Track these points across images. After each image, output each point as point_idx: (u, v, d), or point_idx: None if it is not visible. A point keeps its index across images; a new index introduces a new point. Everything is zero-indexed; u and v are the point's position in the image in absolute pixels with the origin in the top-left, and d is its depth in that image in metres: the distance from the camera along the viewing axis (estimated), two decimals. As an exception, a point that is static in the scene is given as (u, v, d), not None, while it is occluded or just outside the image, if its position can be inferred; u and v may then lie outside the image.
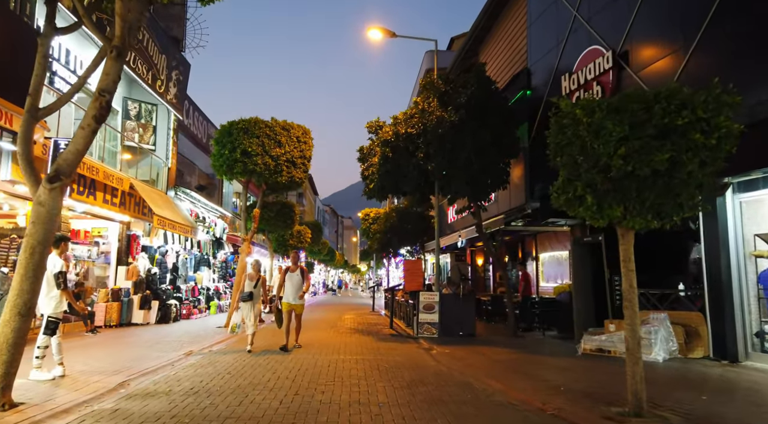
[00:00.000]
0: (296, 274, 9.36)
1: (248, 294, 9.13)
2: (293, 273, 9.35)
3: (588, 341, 9.08)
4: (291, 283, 9.29)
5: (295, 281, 9.29)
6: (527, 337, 11.71)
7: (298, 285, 9.31)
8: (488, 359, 8.45)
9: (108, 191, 11.59)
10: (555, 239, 14.22)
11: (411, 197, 16.60)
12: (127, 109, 14.95)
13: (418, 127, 11.73)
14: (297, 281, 9.30)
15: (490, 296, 16.38)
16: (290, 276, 9.32)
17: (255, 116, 14.54)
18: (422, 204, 15.42)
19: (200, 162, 21.19)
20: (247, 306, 9.21)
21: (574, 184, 5.25)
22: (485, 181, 11.61)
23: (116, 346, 9.71)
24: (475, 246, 20.69)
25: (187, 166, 20.36)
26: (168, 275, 16.60)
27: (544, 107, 11.89)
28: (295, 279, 9.30)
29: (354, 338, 11.58)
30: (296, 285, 9.29)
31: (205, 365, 7.60)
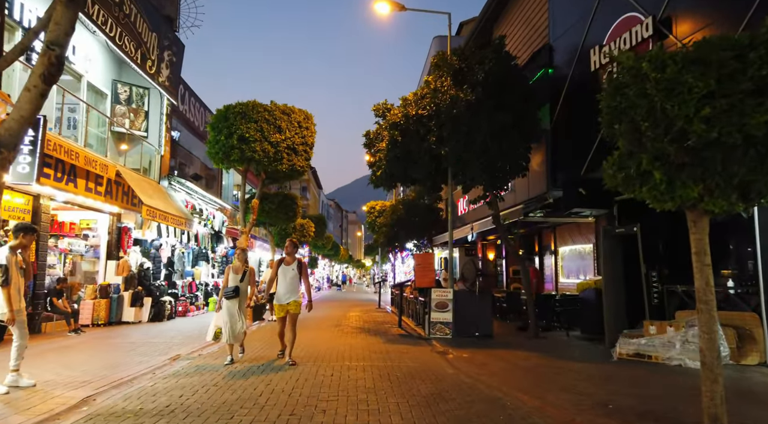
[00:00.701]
0: (292, 268, 7.40)
1: (233, 290, 7.48)
2: (288, 266, 7.42)
3: (624, 345, 8.05)
4: (284, 278, 7.37)
5: (290, 277, 7.36)
6: (549, 338, 10.69)
7: (293, 282, 7.37)
8: (513, 365, 7.43)
9: (91, 179, 10.63)
10: (577, 231, 13.16)
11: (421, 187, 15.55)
12: (116, 93, 13.97)
13: (429, 108, 10.68)
14: (293, 277, 7.38)
15: (504, 293, 15.36)
16: (284, 270, 7.40)
17: (253, 99, 13.53)
18: (433, 193, 14.38)
19: (199, 152, 20.21)
20: (233, 305, 7.53)
21: (637, 158, 4.21)
22: (504, 167, 10.56)
23: (97, 349, 8.77)
24: (487, 240, 19.64)
25: (186, 157, 19.40)
26: (162, 270, 15.68)
27: (568, 86, 10.82)
28: (290, 274, 7.37)
29: (360, 339, 10.59)
30: (290, 282, 7.35)
31: (190, 374, 6.63)
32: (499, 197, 11.70)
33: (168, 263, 16.10)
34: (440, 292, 11.10)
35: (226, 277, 7.71)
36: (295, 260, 7.57)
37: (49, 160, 9.07)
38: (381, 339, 10.54)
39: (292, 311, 7.43)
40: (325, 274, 55.13)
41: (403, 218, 21.20)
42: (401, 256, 30.89)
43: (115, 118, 13.78)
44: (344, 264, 73.50)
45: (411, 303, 15.15)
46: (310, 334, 11.26)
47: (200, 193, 17.58)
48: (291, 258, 7.54)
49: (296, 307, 7.43)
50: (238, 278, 7.64)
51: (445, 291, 11.10)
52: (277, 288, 7.47)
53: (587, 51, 10.05)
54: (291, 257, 7.55)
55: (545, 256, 15.24)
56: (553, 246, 14.46)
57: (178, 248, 17.01)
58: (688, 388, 5.98)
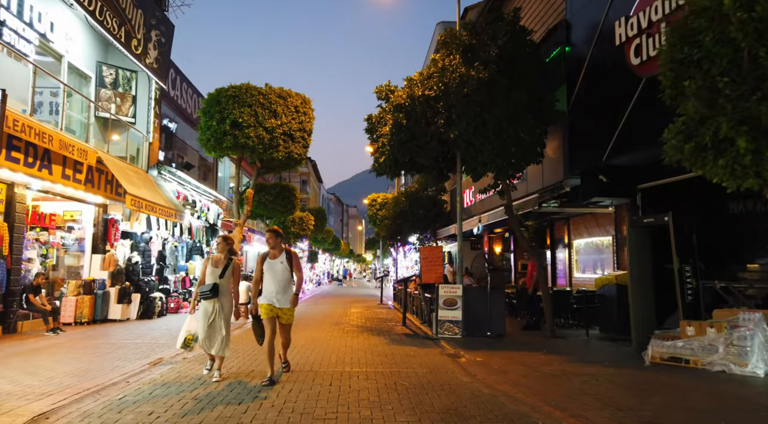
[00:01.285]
0: (279, 261, 5.96)
1: (210, 288, 5.88)
2: (274, 260, 5.96)
3: (658, 347, 7.21)
4: (272, 274, 5.92)
5: (279, 272, 5.91)
6: (567, 337, 9.86)
7: (284, 278, 5.93)
8: (535, 371, 6.60)
9: (69, 165, 9.77)
10: (594, 222, 12.29)
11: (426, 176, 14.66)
12: (101, 76, 13.08)
13: (437, 88, 9.79)
14: (281, 271, 5.92)
15: (513, 289, 14.52)
16: (270, 265, 5.94)
17: (247, 82, 12.64)
18: (439, 183, 13.50)
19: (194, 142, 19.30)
20: (211, 308, 5.92)
21: (712, 123, 3.34)
22: (519, 152, 9.69)
23: (71, 351, 7.94)
24: (494, 232, 18.79)
25: (181, 147, 18.53)
26: (154, 265, 14.84)
27: (588, 65, 9.92)
28: (278, 269, 5.92)
29: (362, 339, 9.77)
30: (280, 278, 5.92)
31: (168, 383, 5.80)
32: (511, 186, 10.85)
33: (159, 257, 15.26)
34: (448, 288, 10.26)
35: (203, 271, 6.10)
36: (283, 250, 6.07)
37: (18, 143, 8.21)
38: (385, 339, 9.72)
39: (284, 321, 6.01)
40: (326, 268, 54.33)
41: (406, 210, 20.33)
42: (403, 250, 30.05)
43: (100, 103, 12.90)
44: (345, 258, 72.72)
45: (416, 300, 14.33)
46: (307, 334, 10.44)
47: (193, 184, 16.72)
48: (277, 251, 6.04)
49: (289, 317, 6.03)
50: (217, 273, 6.01)
51: (454, 287, 10.26)
52: (264, 287, 6.00)
53: (611, 25, 9.17)
54: (276, 249, 6.04)
55: (558, 249, 14.39)
56: (566, 239, 13.60)
57: (171, 241, 16.17)
58: (743, 400, 5.16)
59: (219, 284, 5.96)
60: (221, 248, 6.20)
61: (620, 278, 10.10)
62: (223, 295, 5.99)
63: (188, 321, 6.17)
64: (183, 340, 6.06)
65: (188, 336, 6.06)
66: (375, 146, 11.22)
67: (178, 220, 13.33)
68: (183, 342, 6.08)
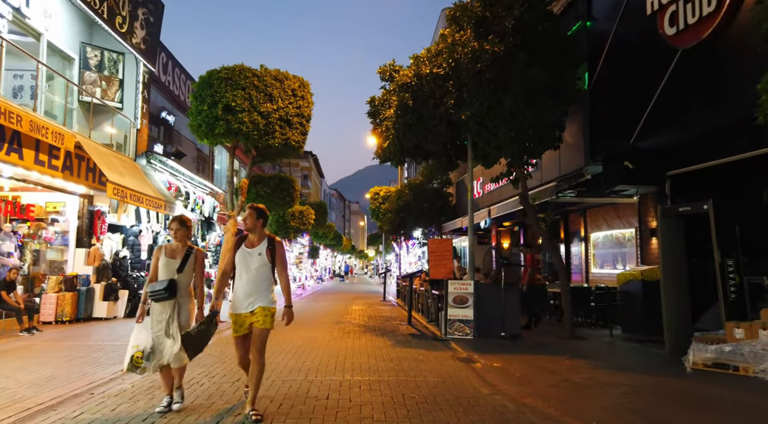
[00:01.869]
0: (257, 251, 4.37)
1: (165, 287, 4.40)
2: (252, 249, 4.38)
3: (700, 352, 6.35)
4: (246, 270, 4.34)
5: (257, 266, 4.33)
6: (589, 338, 9.01)
7: (261, 276, 4.34)
8: (563, 380, 5.75)
9: (43, 150, 8.94)
10: (614, 213, 11.42)
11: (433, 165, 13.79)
12: (86, 58, 12.23)
13: (447, 65, 8.91)
14: (258, 265, 4.33)
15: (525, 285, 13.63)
16: (245, 256, 4.36)
17: (240, 63, 11.76)
18: (447, 171, 12.63)
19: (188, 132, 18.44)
20: (164, 312, 4.44)
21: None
22: (535, 136, 8.81)
23: (43, 354, 7.13)
24: (503, 226, 17.93)
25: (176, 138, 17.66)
26: (144, 260, 14.03)
27: (612, 40, 9.03)
28: (256, 263, 4.34)
29: (364, 340, 8.93)
30: (257, 275, 4.33)
31: (136, 395, 4.96)
32: (527, 174, 9.97)
33: (150, 251, 14.44)
34: (458, 285, 9.42)
35: (153, 264, 4.59)
36: (264, 237, 4.45)
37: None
38: (389, 341, 8.88)
39: (258, 325, 4.25)
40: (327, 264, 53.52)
41: (410, 203, 19.45)
42: (407, 245, 29.20)
43: (84, 87, 12.05)
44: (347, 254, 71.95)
45: (421, 297, 13.49)
46: (305, 333, 9.61)
47: (187, 175, 15.87)
48: (256, 235, 4.43)
49: (265, 318, 4.26)
50: (174, 266, 4.53)
51: (465, 284, 9.41)
52: (234, 286, 4.40)
53: (639, -7, 8.27)
54: (255, 233, 4.43)
55: (573, 243, 13.51)
56: (582, 231, 12.73)
57: (163, 235, 15.34)
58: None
59: (176, 280, 4.50)
60: (178, 233, 4.66)
61: (647, 273, 9.24)
62: (182, 295, 4.55)
63: (135, 333, 4.43)
64: (129, 360, 4.31)
65: (136, 354, 4.31)
66: (378, 131, 10.35)
67: (168, 212, 12.51)
68: (130, 363, 4.30)
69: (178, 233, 4.67)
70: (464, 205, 18.65)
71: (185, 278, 4.62)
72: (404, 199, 19.81)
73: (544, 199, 10.38)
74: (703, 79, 7.17)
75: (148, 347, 4.35)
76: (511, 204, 12.26)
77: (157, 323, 4.43)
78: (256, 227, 4.44)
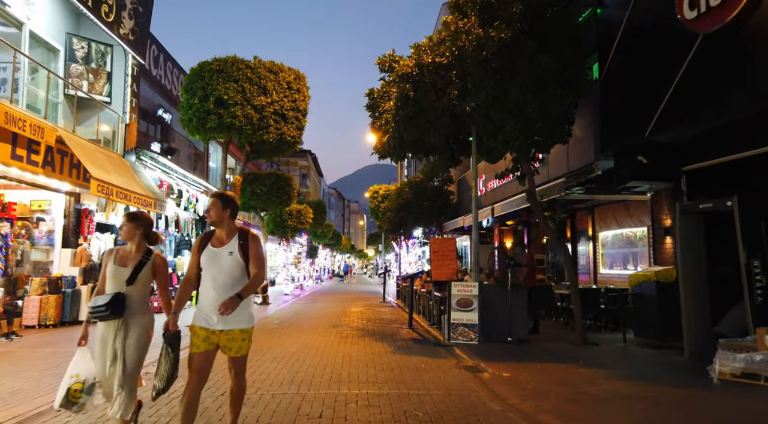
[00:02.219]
0: (227, 250, 3.47)
1: (109, 301, 3.46)
2: (220, 248, 3.48)
3: (727, 361, 5.84)
4: (214, 273, 3.44)
5: (228, 269, 3.44)
6: (601, 344, 8.50)
7: (233, 279, 3.43)
8: (580, 392, 5.23)
9: (21, 144, 8.42)
10: (624, 211, 10.91)
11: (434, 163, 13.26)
12: (72, 49, 11.69)
13: (450, 54, 8.40)
14: (230, 267, 3.44)
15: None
16: (213, 256, 3.47)
17: (233, 54, 11.26)
18: (449, 167, 12.10)
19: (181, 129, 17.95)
20: (110, 333, 3.55)
21: None
22: (544, 128, 8.31)
23: (16, 363, 6.62)
24: (506, 225, 17.43)
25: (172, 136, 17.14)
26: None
27: (625, 28, 8.51)
28: (227, 264, 3.45)
29: (362, 346, 8.42)
30: (226, 279, 3.42)
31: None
32: (534, 170, 9.46)
33: (141, 251, 13.92)
34: (462, 286, 8.91)
35: (102, 273, 3.66)
36: (235, 232, 3.54)
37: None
38: (389, 346, 8.36)
39: (233, 353, 3.43)
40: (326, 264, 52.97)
41: (410, 201, 18.95)
42: (407, 244, 28.70)
43: (70, 80, 11.52)
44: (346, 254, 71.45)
45: (422, 298, 12.99)
46: (300, 338, 9.10)
47: (180, 173, 15.35)
48: (224, 230, 3.51)
49: (242, 344, 3.44)
50: (123, 276, 3.57)
51: (469, 285, 8.90)
52: (199, 297, 3.47)
53: (656, -24, 7.76)
54: (223, 227, 3.51)
55: (580, 242, 13.01)
56: (590, 230, 12.23)
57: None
58: None
59: (126, 294, 3.52)
60: (128, 232, 3.66)
61: (661, 274, 8.74)
62: (134, 313, 3.54)
63: (75, 359, 3.57)
64: (65, 393, 3.41)
65: (74, 386, 3.43)
66: (377, 124, 9.83)
67: (158, 210, 11.98)
68: (64, 397, 3.40)
69: (127, 231, 3.66)
70: (466, 204, 18.17)
71: (137, 291, 3.60)
72: (404, 197, 19.30)
73: (553, 196, 9.87)
74: (726, 66, 6.65)
75: (91, 378, 3.48)
76: (516, 202, 11.77)
77: (101, 348, 3.51)
78: (223, 220, 3.49)
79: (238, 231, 3.56)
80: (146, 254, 3.70)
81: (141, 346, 3.60)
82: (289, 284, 24.02)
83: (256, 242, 3.57)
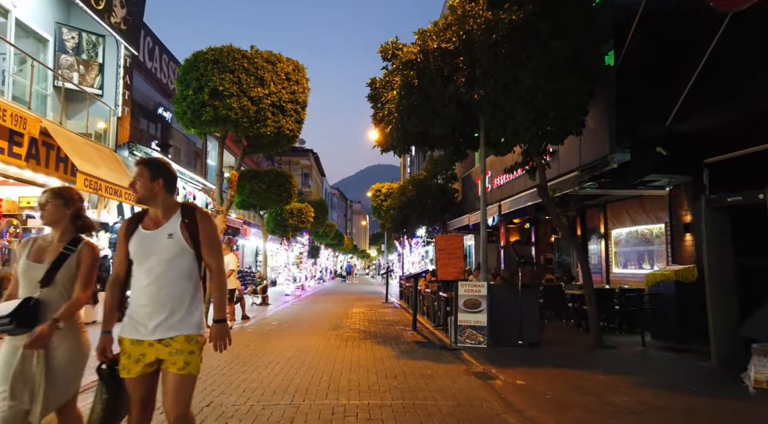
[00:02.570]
0: (165, 233, 2.54)
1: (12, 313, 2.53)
2: (155, 231, 2.56)
3: (764, 368, 5.32)
4: (149, 265, 2.53)
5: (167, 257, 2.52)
6: (618, 347, 7.97)
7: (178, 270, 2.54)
8: (605, 403, 4.72)
9: (1, 135, 7.96)
10: (639, 207, 10.38)
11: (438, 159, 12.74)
12: (62, 40, 11.24)
13: (457, 39, 7.89)
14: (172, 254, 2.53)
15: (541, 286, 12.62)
16: (145, 241, 2.55)
17: (228, 44, 10.78)
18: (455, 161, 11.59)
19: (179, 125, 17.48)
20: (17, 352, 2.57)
21: None
22: (558, 118, 7.80)
23: None
24: (513, 223, 16.90)
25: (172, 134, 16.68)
26: (128, 259, 13.04)
27: (643, 11, 7.99)
28: (166, 250, 2.52)
29: (364, 350, 7.91)
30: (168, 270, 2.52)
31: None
32: (546, 163, 8.95)
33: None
34: (470, 287, 8.40)
35: (14, 274, 2.82)
36: (176, 208, 2.65)
37: None
38: (392, 350, 7.86)
39: (176, 369, 2.48)
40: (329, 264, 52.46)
41: (413, 199, 18.44)
42: (410, 244, 28.19)
43: (60, 71, 11.07)
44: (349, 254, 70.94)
45: (427, 299, 12.48)
46: (298, 341, 8.60)
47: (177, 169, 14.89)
48: (159, 208, 2.63)
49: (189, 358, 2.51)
50: (37, 275, 2.69)
51: (477, 285, 8.39)
52: (131, 295, 2.60)
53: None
54: (157, 204, 2.62)
55: (590, 241, 12.47)
56: (602, 228, 11.69)
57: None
58: None
59: (40, 300, 2.64)
60: (52, 214, 2.77)
61: (681, 273, 8.23)
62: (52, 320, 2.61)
63: None
64: None
65: None
66: (380, 115, 9.33)
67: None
68: None
69: (52, 214, 2.73)
70: (471, 202, 17.65)
71: (58, 295, 2.67)
72: (407, 195, 18.80)
73: (565, 190, 9.36)
74: (758, 48, 6.15)
75: None
76: (525, 198, 11.24)
77: (5, 370, 2.56)
78: (155, 194, 2.56)
79: (180, 207, 2.65)
80: (71, 243, 2.73)
81: (69, 374, 2.65)
82: (290, 285, 23.55)
83: (207, 221, 2.64)
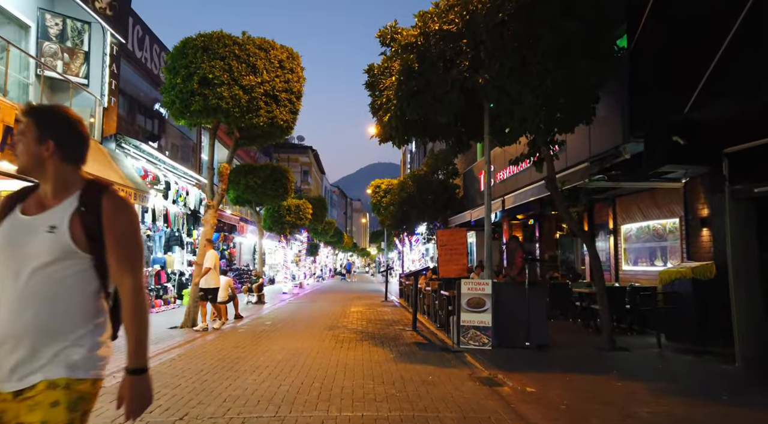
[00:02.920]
0: (48, 223, 1.58)
1: None
2: (34, 218, 1.62)
3: (800, 375, 4.83)
4: (12, 267, 1.55)
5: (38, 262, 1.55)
6: (632, 349, 7.48)
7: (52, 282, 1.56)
8: (627, 415, 4.22)
9: (-28, 123, 7.46)
10: (651, 201, 9.87)
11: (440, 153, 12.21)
12: (45, 26, 10.72)
13: (460, 20, 7.37)
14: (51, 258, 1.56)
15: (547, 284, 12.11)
16: (15, 229, 1.61)
17: (219, 29, 10.26)
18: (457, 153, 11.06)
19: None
20: None
21: None
22: (569, 104, 7.29)
23: None
24: (516, 219, 16.39)
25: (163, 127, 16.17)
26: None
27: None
28: (40, 249, 1.56)
29: (360, 352, 7.41)
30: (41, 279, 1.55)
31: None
32: (554, 154, 8.44)
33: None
34: (473, 285, 7.89)
35: None
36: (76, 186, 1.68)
37: None
38: (391, 353, 7.36)
39: None
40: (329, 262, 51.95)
41: (413, 195, 17.95)
42: (410, 241, 27.69)
43: (43, 59, 10.55)
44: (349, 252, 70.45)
45: (427, 297, 11.99)
46: (289, 343, 8.10)
47: (168, 164, 14.40)
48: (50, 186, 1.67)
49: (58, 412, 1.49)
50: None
51: (481, 284, 7.89)
52: None
53: (698, -74, 6.73)
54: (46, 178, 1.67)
55: (598, 236, 11.95)
56: (611, 223, 11.18)
57: (142, 229, 13.87)
58: None
59: None
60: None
61: (699, 270, 7.73)
62: None
63: None
64: None
65: None
66: (378, 103, 8.82)
67: (139, 202, 11.01)
68: None
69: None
70: (472, 197, 17.14)
71: None
72: (407, 191, 18.29)
73: (574, 183, 8.84)
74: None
75: None
76: (531, 192, 10.74)
77: None
78: (44, 162, 1.65)
79: (83, 184, 1.70)
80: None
81: None
82: (288, 283, 23.06)
83: (120, 211, 1.68)
